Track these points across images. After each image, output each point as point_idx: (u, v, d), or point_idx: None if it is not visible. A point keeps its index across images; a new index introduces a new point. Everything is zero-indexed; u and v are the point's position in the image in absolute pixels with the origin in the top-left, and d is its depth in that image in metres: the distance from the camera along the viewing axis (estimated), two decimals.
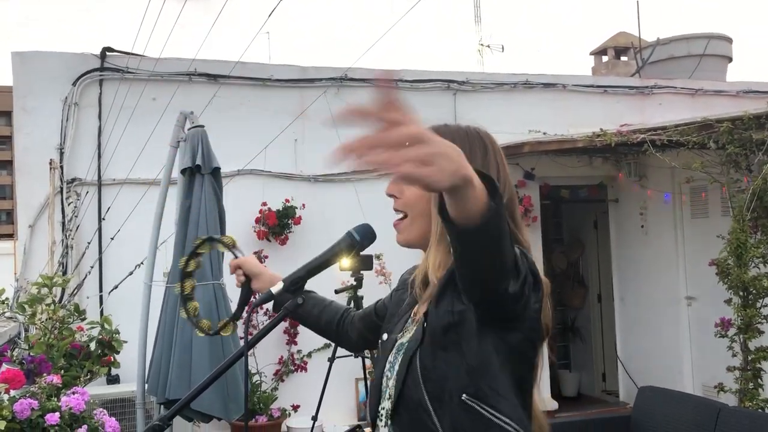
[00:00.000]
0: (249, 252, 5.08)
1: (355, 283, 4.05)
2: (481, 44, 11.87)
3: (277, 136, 5.44)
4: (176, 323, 3.81)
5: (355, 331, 1.69)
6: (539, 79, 6.79)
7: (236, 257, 1.64)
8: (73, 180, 5.40)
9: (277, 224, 5.57)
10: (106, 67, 5.54)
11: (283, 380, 5.72)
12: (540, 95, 6.77)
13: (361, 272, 4.09)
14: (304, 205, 5.75)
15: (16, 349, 3.45)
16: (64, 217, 5.32)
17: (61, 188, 5.31)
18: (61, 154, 5.37)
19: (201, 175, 3.89)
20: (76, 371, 3.08)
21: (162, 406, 3.99)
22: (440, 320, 1.34)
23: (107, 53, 5.53)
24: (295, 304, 1.36)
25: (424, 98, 6.38)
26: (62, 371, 2.99)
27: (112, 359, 3.51)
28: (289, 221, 5.65)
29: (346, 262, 4.07)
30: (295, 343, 5.75)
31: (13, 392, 2.36)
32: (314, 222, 5.77)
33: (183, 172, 3.93)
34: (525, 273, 1.19)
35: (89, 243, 5.23)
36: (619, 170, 6.68)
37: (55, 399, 2.41)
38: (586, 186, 7.02)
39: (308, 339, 5.77)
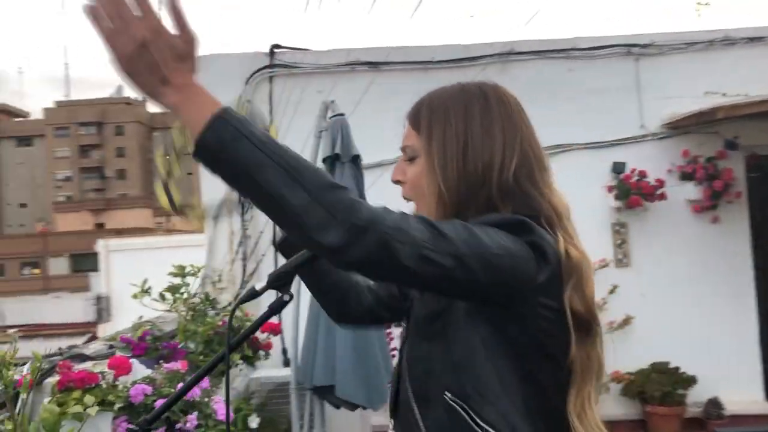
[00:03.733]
0: None
1: None
2: (699, 2, 10.62)
3: None
4: (321, 310, 3.86)
5: (365, 299, 1.45)
6: (741, 34, 5.89)
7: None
8: None
9: None
10: (275, 64, 5.78)
11: None
12: (742, 52, 5.87)
13: None
14: None
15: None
16: (243, 208, 5.66)
17: None
18: None
19: (341, 164, 3.89)
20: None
21: (311, 392, 4.08)
22: (425, 308, 1.19)
23: (275, 50, 5.77)
24: (282, 303, 1.23)
25: (601, 67, 5.85)
26: (200, 357, 3.14)
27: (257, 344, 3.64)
28: None
29: None
30: None
31: (132, 378, 2.50)
32: None
33: (324, 160, 3.97)
34: (361, 228, 0.96)
35: (262, 232, 5.51)
36: None
37: (168, 386, 2.52)
38: None
39: None
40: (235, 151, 0.98)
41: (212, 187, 5.75)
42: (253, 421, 3.65)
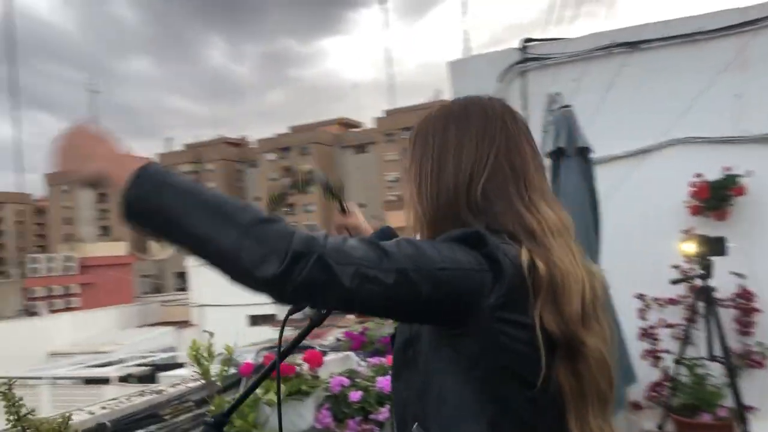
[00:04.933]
0: (676, 230, 4.61)
1: (702, 271, 3.22)
2: None
3: (699, 95, 4.75)
4: None
5: None
6: None
7: (342, 210, 1.69)
8: None
9: (711, 197, 4.84)
10: (527, 58, 5.71)
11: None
12: None
13: (709, 258, 3.25)
14: (750, 171, 4.85)
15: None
16: None
17: None
18: None
19: (567, 157, 3.73)
20: None
21: None
22: (401, 335, 1.22)
23: (525, 44, 5.70)
24: (321, 316, 1.31)
25: None
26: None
27: None
28: (729, 193, 4.84)
29: (689, 246, 3.31)
30: (751, 334, 4.89)
31: (337, 370, 2.76)
32: (764, 191, 4.81)
33: (549, 156, 3.83)
34: (298, 253, 0.94)
35: None
36: None
37: (368, 380, 2.72)
38: None
39: None
40: (159, 201, 0.97)
41: None
42: None
